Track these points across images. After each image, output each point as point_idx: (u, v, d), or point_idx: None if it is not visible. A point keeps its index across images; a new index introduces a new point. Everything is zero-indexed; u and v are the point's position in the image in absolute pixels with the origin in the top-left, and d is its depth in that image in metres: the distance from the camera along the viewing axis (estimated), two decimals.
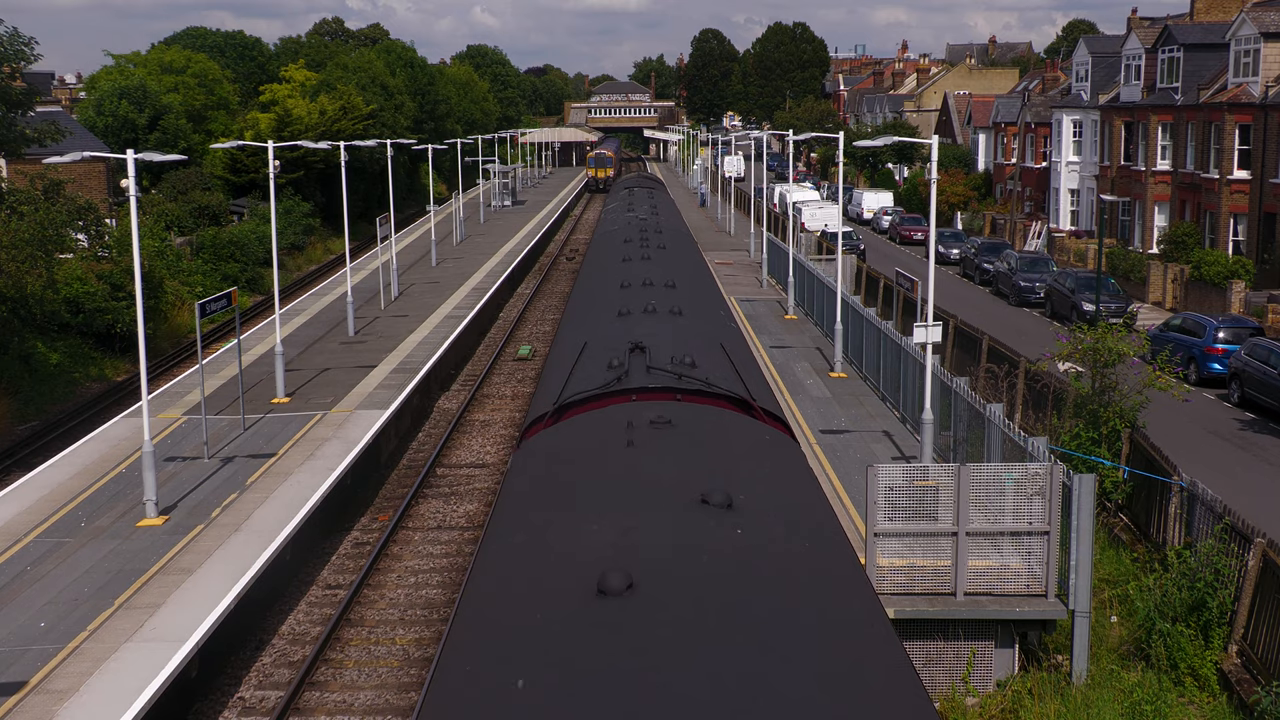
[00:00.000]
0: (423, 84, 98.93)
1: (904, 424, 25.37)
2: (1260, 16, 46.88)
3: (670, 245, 27.07)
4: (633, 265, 21.69)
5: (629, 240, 27.14)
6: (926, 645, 15.67)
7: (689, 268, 23.92)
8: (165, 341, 40.97)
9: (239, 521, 19.90)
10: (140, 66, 70.11)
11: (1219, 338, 33.18)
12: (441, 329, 37.68)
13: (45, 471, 23.09)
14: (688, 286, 19.50)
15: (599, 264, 24.76)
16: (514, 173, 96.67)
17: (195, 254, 50.43)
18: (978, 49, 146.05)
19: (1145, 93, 55.43)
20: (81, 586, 17.27)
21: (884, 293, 40.00)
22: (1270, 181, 45.28)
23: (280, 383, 28.52)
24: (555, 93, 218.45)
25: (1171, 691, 15.06)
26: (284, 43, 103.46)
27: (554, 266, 61.22)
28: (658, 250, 24.88)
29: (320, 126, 71.53)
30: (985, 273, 53.63)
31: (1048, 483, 15.45)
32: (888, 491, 15.66)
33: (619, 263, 22.52)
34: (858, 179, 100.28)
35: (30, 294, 32.37)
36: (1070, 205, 64.45)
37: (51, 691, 14.15)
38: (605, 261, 24.11)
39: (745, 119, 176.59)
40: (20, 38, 37.28)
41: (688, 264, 24.78)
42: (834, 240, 52.61)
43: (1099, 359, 22.05)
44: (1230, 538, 16.17)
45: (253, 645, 17.73)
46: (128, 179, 19.60)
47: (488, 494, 24.61)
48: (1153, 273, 48.12)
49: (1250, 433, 28.67)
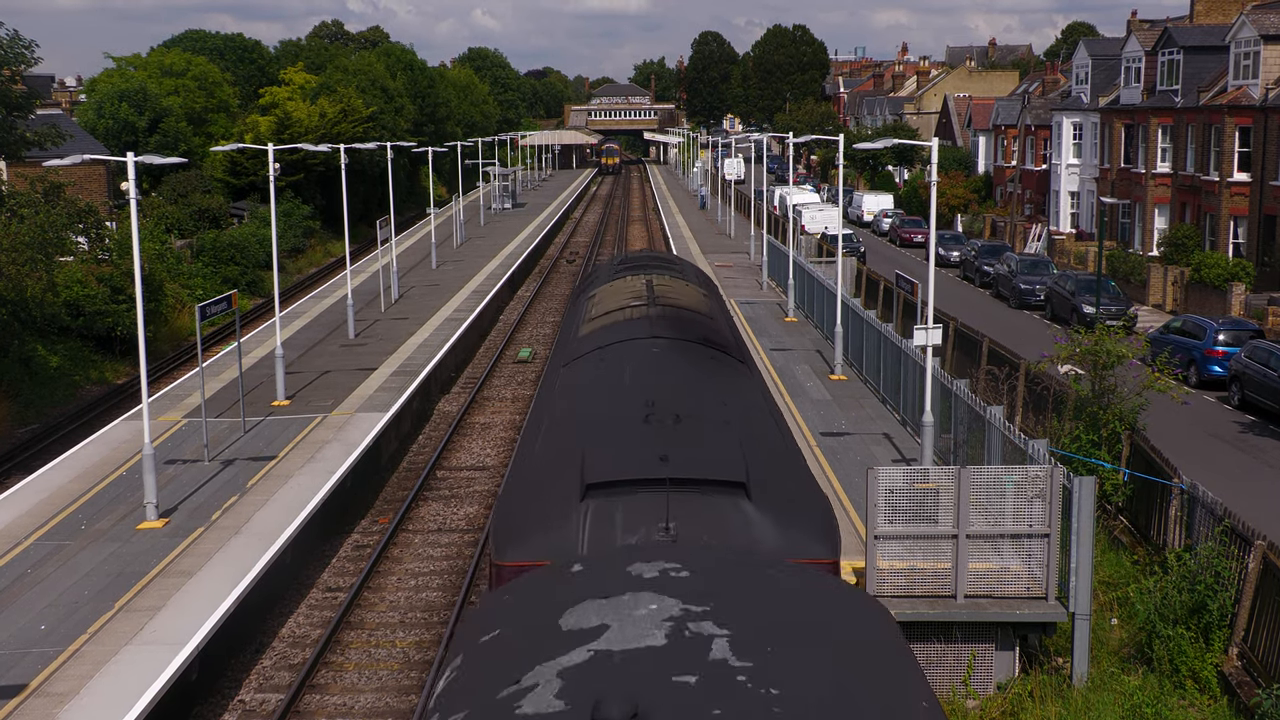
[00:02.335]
0: (423, 86, 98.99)
1: (904, 426, 25.37)
2: (1260, 19, 46.88)
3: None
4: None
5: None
6: (927, 647, 15.65)
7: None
8: (165, 344, 40.98)
9: (239, 524, 19.91)
10: (140, 69, 70.20)
11: (1219, 340, 33.17)
12: (442, 331, 37.68)
13: (45, 474, 23.08)
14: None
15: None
16: (514, 175, 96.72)
17: (195, 257, 50.46)
18: (978, 51, 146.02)
19: (1145, 95, 55.45)
20: (82, 589, 17.27)
21: (884, 295, 40.01)
22: (1270, 184, 45.27)
23: (280, 385, 28.53)
24: (555, 95, 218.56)
25: (1172, 694, 15.05)
26: (284, 45, 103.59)
27: (554, 269, 61.27)
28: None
29: (320, 129, 71.59)
30: (985, 275, 53.63)
31: (1048, 485, 15.44)
32: (888, 494, 15.65)
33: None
34: (858, 181, 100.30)
35: (30, 297, 32.38)
36: (1070, 208, 64.46)
37: (52, 694, 14.14)
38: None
39: (745, 121, 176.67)
40: (21, 40, 37.34)
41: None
42: (834, 242, 52.63)
43: (1098, 361, 22.05)
44: (1230, 540, 16.15)
45: (253, 648, 17.71)
46: (128, 182, 19.60)
47: (488, 496, 24.60)
48: (1153, 275, 48.11)
49: (1251, 435, 28.66)
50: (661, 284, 20.28)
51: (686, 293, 20.11)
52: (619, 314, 17.62)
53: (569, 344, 17.44)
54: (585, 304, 20.16)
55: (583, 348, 16.14)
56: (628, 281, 20.94)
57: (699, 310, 18.72)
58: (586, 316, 18.59)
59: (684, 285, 21.14)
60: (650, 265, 23.72)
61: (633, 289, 19.79)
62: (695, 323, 17.44)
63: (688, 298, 19.60)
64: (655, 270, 22.68)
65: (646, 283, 20.26)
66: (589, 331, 17.13)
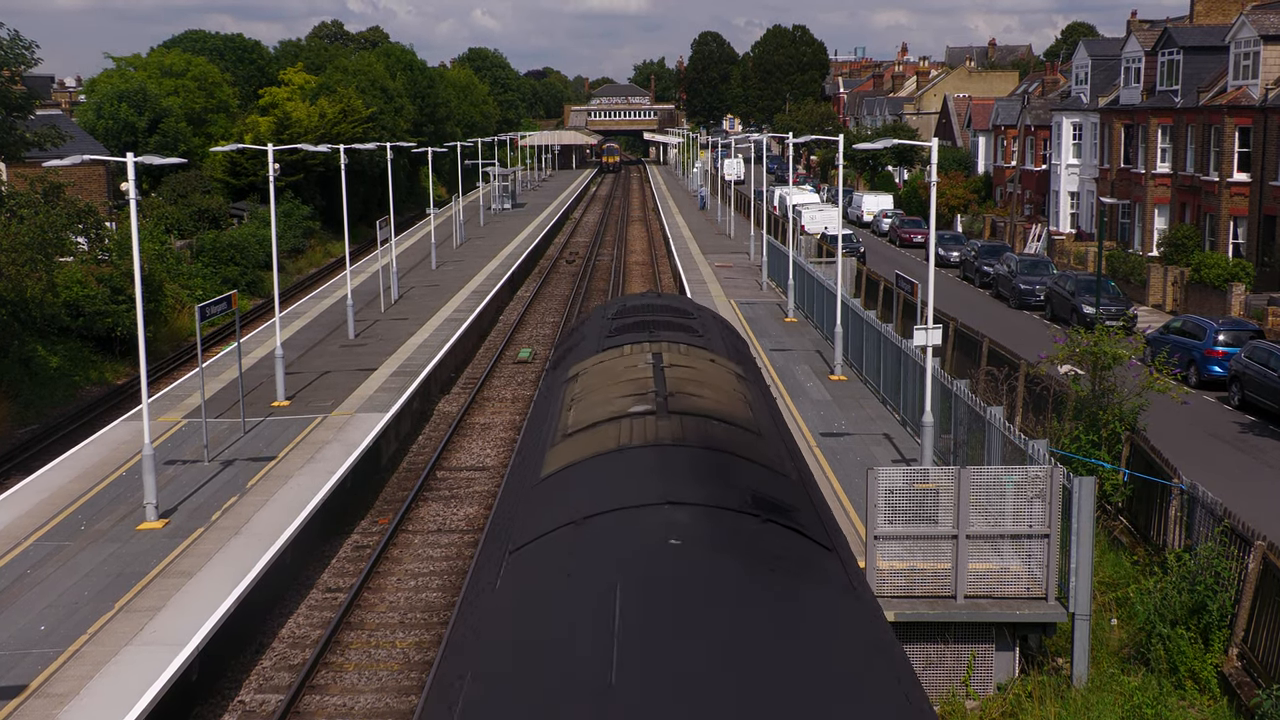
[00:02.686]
0: (422, 87, 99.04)
1: (904, 427, 25.38)
2: (1260, 19, 46.89)
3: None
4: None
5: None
6: (926, 648, 15.67)
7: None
8: (165, 345, 40.98)
9: (239, 524, 19.91)
10: (140, 70, 70.21)
11: (1219, 340, 33.18)
12: (442, 332, 37.69)
13: (45, 475, 23.08)
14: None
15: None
16: (514, 176, 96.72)
17: (195, 257, 50.46)
18: (977, 51, 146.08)
19: (1145, 95, 55.46)
20: (81, 590, 17.27)
21: (884, 295, 40.01)
22: (1270, 184, 45.28)
23: (280, 386, 28.53)
24: (555, 96, 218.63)
25: (1172, 695, 15.05)
26: (284, 46, 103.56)
27: (554, 270, 61.29)
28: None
29: (320, 129, 71.62)
30: (985, 275, 53.64)
31: (1048, 485, 15.45)
32: (888, 494, 15.66)
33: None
34: (857, 182, 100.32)
35: (30, 297, 32.39)
36: (1070, 208, 64.47)
37: (52, 695, 14.14)
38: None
39: (745, 122, 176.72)
40: (21, 41, 37.35)
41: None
42: (834, 243, 52.64)
43: (1097, 362, 22.05)
44: (1230, 540, 16.16)
45: (253, 648, 17.72)
46: (127, 182, 19.60)
47: (488, 497, 24.61)
48: (1153, 275, 48.12)
49: (1251, 435, 28.67)
50: (676, 363, 14.07)
51: (714, 379, 13.64)
52: (609, 432, 11.28)
53: (529, 479, 11.09)
54: (561, 396, 13.93)
55: (547, 514, 9.51)
56: (626, 357, 14.64)
57: (737, 420, 11.98)
58: (559, 431, 12.18)
59: (709, 363, 14.59)
60: (658, 323, 16.82)
61: (633, 373, 13.57)
62: (734, 455, 10.65)
63: (717, 391, 13.05)
64: (665, 332, 16.16)
65: (654, 360, 14.05)
66: (558, 470, 10.74)
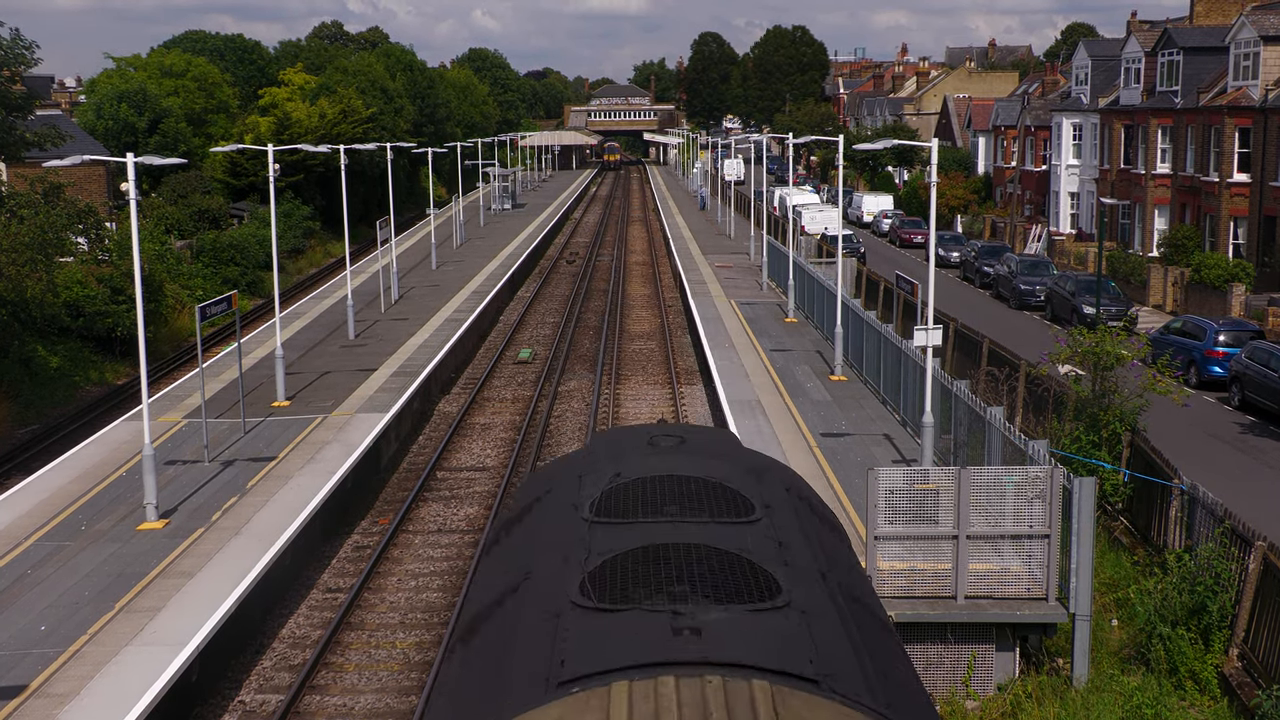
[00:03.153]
0: (422, 87, 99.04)
1: (904, 427, 25.37)
2: (1260, 20, 46.89)
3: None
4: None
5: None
6: (927, 648, 15.67)
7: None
8: (165, 345, 40.98)
9: (239, 525, 19.90)
10: (140, 70, 70.23)
11: (1219, 341, 33.18)
12: (442, 332, 37.69)
13: (45, 475, 23.09)
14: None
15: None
16: (514, 176, 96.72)
17: (195, 257, 50.46)
18: (977, 52, 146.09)
19: (1145, 96, 55.45)
20: (82, 590, 17.27)
21: (884, 296, 40.01)
22: (1270, 184, 45.28)
23: (280, 386, 28.53)
24: (555, 96, 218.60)
25: (1172, 695, 15.04)
26: (284, 46, 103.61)
27: (554, 270, 61.29)
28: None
29: (320, 130, 71.61)
30: (985, 276, 53.64)
31: (1048, 486, 15.45)
32: (888, 495, 15.66)
33: None
34: (858, 182, 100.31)
35: (30, 298, 32.37)
36: (1070, 208, 64.46)
37: (52, 695, 14.14)
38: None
39: (745, 122, 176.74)
40: (21, 41, 37.35)
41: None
42: (834, 243, 52.62)
43: (1098, 362, 22.04)
44: (1231, 541, 16.16)
45: (253, 649, 17.71)
46: (127, 182, 19.60)
47: (488, 497, 24.60)
48: (1153, 276, 48.12)
49: (1251, 436, 28.66)
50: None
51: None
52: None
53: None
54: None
55: None
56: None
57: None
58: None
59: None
60: (693, 568, 5.51)
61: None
62: None
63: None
64: (717, 611, 5.07)
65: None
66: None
